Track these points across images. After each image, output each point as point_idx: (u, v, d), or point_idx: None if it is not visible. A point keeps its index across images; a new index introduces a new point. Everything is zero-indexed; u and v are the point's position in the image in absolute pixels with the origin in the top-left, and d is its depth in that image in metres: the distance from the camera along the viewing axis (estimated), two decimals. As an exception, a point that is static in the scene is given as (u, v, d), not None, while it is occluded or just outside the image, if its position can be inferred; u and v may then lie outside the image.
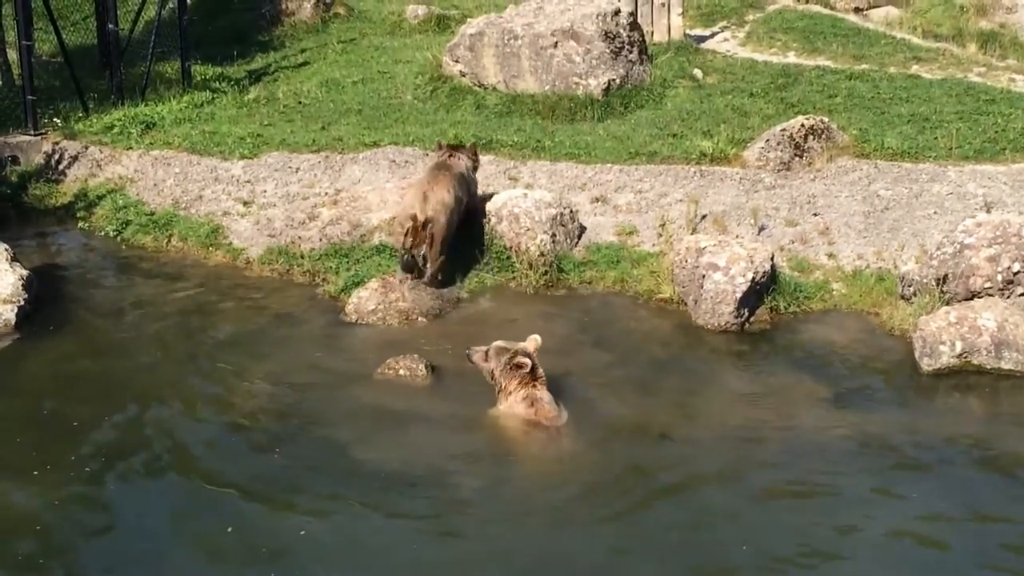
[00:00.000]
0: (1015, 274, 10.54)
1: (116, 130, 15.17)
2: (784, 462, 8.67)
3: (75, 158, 14.73)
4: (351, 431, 9.10)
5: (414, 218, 11.25)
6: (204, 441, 8.99)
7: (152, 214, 13.70)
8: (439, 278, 11.55)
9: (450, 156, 12.13)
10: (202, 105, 16.25)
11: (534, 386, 9.19)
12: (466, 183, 12.00)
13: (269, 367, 10.31)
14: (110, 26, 16.46)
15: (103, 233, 13.52)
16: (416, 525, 7.86)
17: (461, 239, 11.85)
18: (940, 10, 19.87)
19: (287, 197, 13.56)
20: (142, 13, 17.35)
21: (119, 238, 13.45)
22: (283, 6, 20.67)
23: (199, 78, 17.35)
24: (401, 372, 9.97)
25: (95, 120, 15.52)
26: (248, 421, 9.29)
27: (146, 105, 16.08)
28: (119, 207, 13.87)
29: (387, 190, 13.27)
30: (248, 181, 13.88)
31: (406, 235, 11.27)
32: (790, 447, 8.88)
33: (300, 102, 16.40)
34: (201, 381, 10.04)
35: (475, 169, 12.34)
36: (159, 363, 10.41)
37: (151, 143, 14.82)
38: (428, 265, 11.42)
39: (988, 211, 11.65)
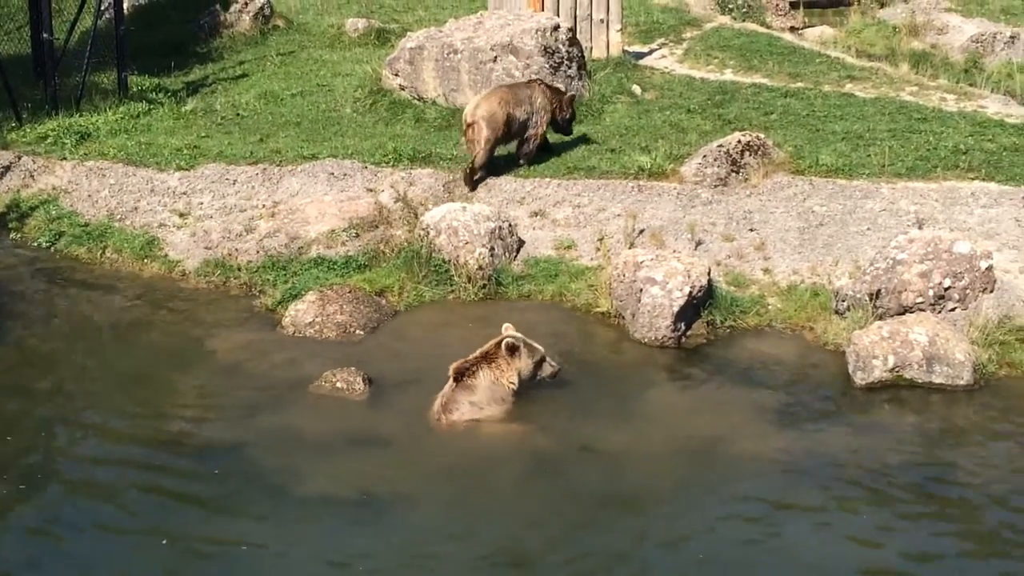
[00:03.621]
0: (946, 289, 10.71)
1: (50, 140, 14.97)
2: (720, 478, 8.74)
3: (7, 168, 14.52)
4: (286, 448, 9.05)
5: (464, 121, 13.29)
6: (132, 458, 8.90)
7: (86, 225, 13.54)
8: (474, 178, 13.29)
9: (528, 83, 13.86)
10: (138, 116, 16.08)
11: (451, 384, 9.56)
12: (526, 104, 13.46)
13: (202, 381, 10.23)
14: (45, 35, 16.25)
15: (36, 244, 13.33)
16: (354, 546, 7.83)
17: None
18: (873, 30, 20.16)
19: (224, 209, 13.47)
20: (78, 23, 17.14)
21: (52, 249, 13.27)
22: (221, 18, 20.52)
23: (136, 89, 17.18)
24: (338, 385, 9.93)
25: (28, 130, 15.31)
26: (179, 438, 9.20)
27: (81, 115, 15.89)
28: (52, 218, 13.69)
29: (325, 203, 13.22)
30: (185, 193, 13.76)
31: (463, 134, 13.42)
32: (727, 463, 8.94)
33: (238, 114, 16.29)
34: (131, 395, 9.94)
35: (561, 110, 13.81)
36: (88, 376, 10.29)
37: (86, 154, 14.65)
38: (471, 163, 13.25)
39: (920, 228, 11.83)
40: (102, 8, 17.28)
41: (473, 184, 13.29)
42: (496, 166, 13.48)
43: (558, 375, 9.87)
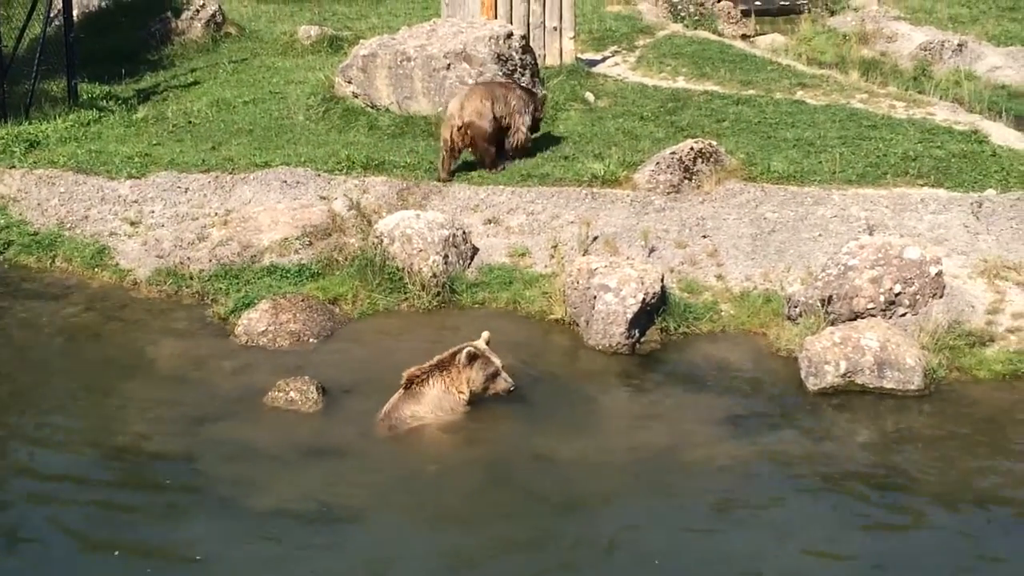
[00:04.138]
0: (896, 295, 10.81)
1: (-2, 149, 14.82)
2: (675, 484, 8.77)
3: (-45, 177, 14.35)
4: (239, 458, 8.99)
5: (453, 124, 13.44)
6: (82, 469, 8.81)
7: (36, 234, 13.41)
8: (493, 165, 13.69)
9: (502, 84, 14.21)
10: (89, 124, 15.94)
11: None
12: (502, 102, 13.64)
13: (153, 391, 10.15)
14: (-7, 43, 16.11)
15: (-17, 253, 13.20)
16: (308, 558, 7.78)
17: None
18: (824, 38, 20.33)
19: (176, 217, 13.37)
20: (27, 30, 16.98)
21: (1, 258, 13.14)
22: (173, 25, 20.39)
23: (86, 96, 17.03)
24: (291, 395, 9.87)
25: (-24, 138, 15.14)
26: (130, 448, 9.13)
27: (30, 123, 15.74)
28: (1, 227, 13.54)
29: (278, 211, 13.16)
30: (136, 201, 13.65)
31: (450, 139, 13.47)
32: (680, 470, 8.97)
33: (190, 122, 16.19)
34: (81, 406, 9.85)
35: (536, 110, 14.11)
36: (37, 387, 10.18)
37: (35, 162, 14.50)
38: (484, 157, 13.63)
39: (871, 234, 11.93)
40: (51, 15, 17.13)
41: (450, 177, 13.55)
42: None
43: (512, 392, 9.75)
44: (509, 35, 15.94)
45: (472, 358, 9.59)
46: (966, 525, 8.23)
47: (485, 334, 9.90)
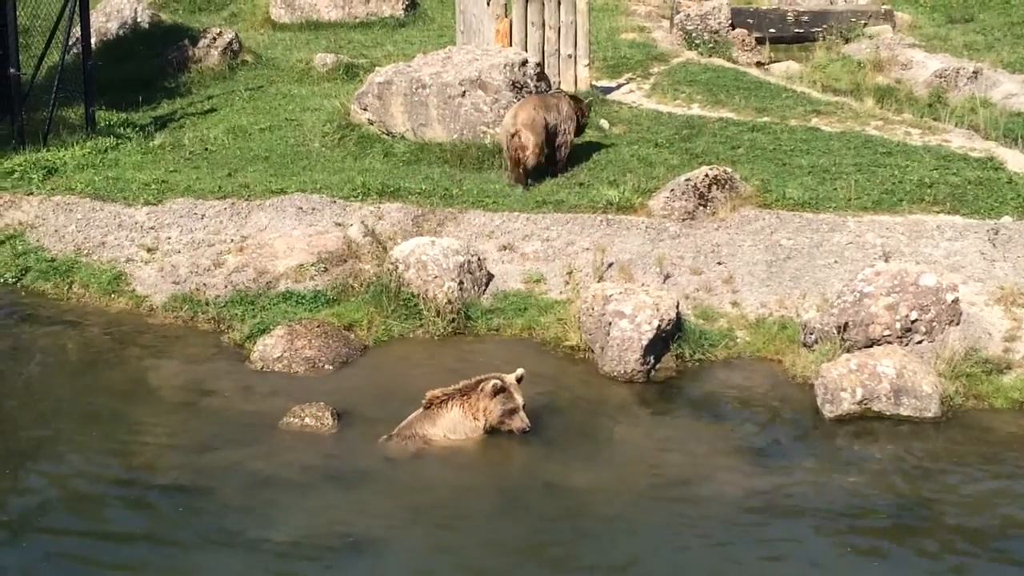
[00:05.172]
0: (912, 322, 10.78)
1: (17, 175, 14.88)
2: (690, 514, 8.72)
3: (-27, 204, 14.43)
4: (254, 485, 8.98)
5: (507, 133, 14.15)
6: (98, 497, 8.81)
7: (53, 260, 13.46)
8: (526, 179, 14.10)
9: (553, 94, 15.17)
10: (106, 151, 16.01)
11: None
12: (555, 111, 14.36)
13: (168, 417, 10.16)
14: (12, 70, 16.19)
15: (1, 280, 13.23)
16: None
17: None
18: (838, 65, 20.29)
19: (192, 244, 13.42)
20: (45, 57, 17.09)
21: (18, 285, 13.19)
22: (190, 52, 20.49)
23: (103, 123, 17.11)
24: (307, 420, 9.88)
25: (-5, 165, 15.23)
26: (146, 476, 9.12)
27: (48, 150, 15.81)
28: (18, 253, 13.60)
29: (294, 237, 13.20)
30: (152, 227, 13.71)
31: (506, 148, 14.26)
32: (696, 500, 8.93)
33: (206, 148, 16.25)
34: (97, 433, 9.85)
35: (583, 116, 14.88)
36: (53, 413, 10.19)
37: (53, 188, 14.57)
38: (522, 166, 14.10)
39: (886, 261, 11.90)
40: (70, 43, 17.23)
41: (525, 180, 14.10)
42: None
43: (526, 433, 9.67)
44: (524, 62, 15.98)
45: (497, 391, 9.60)
46: (986, 553, 8.17)
47: (519, 371, 9.89)
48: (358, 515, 8.55)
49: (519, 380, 9.77)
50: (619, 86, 18.61)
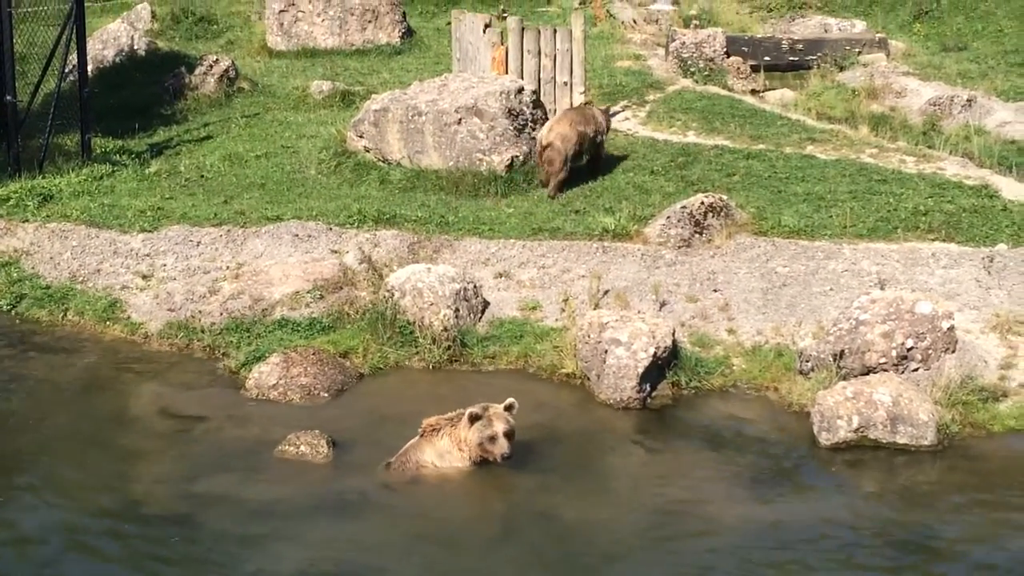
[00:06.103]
0: (909, 350, 10.77)
1: (12, 202, 14.89)
2: (686, 543, 8.69)
3: (-32, 230, 14.42)
4: (249, 513, 8.94)
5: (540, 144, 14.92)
6: (92, 525, 8.76)
7: (48, 287, 13.45)
8: (556, 190, 14.85)
9: (587, 104, 16.22)
10: (102, 178, 16.02)
11: None
12: (593, 123, 15.26)
13: (163, 445, 10.13)
14: (8, 98, 16.22)
15: (-4, 307, 13.24)
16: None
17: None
18: (833, 93, 20.36)
19: (188, 271, 13.41)
20: (42, 85, 17.12)
21: (13, 312, 13.18)
22: (186, 80, 20.55)
23: (99, 151, 17.14)
24: (302, 448, 9.85)
25: (-10, 192, 15.23)
26: (140, 505, 9.07)
27: (44, 177, 15.82)
28: (14, 280, 13.60)
29: (289, 264, 13.19)
30: (148, 255, 13.70)
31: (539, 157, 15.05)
32: (693, 528, 8.90)
33: (202, 176, 16.27)
34: (92, 460, 9.81)
35: (607, 122, 15.73)
36: (48, 441, 10.15)
37: (48, 216, 14.58)
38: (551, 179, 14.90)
39: (882, 288, 11.91)
40: (66, 70, 17.27)
41: (555, 193, 14.83)
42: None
43: (507, 459, 9.47)
44: (520, 90, 16.03)
45: (473, 419, 9.53)
46: (982, 583, 8.16)
47: (509, 400, 9.72)
48: (354, 544, 8.51)
49: (509, 409, 9.64)
50: (615, 114, 18.64)
